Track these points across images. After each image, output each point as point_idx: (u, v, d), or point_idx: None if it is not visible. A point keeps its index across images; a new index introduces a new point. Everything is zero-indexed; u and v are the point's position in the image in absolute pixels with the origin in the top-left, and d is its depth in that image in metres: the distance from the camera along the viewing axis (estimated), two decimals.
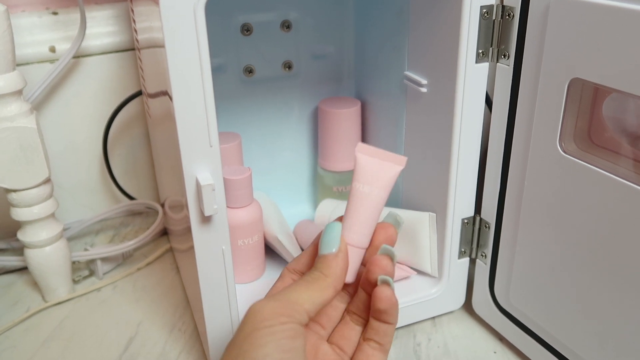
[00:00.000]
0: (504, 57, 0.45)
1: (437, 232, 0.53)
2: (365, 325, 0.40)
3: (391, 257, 0.38)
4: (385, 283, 0.38)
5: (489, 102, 0.48)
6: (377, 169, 0.40)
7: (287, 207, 0.67)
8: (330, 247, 0.38)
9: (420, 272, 0.56)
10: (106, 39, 0.67)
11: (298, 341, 0.34)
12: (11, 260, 0.64)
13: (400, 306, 0.52)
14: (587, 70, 0.38)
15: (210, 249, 0.44)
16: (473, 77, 0.46)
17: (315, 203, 0.70)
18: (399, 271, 0.54)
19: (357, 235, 0.39)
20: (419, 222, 0.53)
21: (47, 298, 0.60)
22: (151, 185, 0.76)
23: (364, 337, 0.40)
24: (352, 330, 0.41)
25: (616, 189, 0.38)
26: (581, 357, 0.45)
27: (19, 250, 0.64)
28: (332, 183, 0.66)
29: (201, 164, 0.41)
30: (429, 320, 0.57)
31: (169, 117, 0.42)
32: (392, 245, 0.40)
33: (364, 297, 0.40)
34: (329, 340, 0.41)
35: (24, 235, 0.56)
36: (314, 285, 0.37)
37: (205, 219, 0.42)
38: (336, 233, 0.39)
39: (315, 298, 0.36)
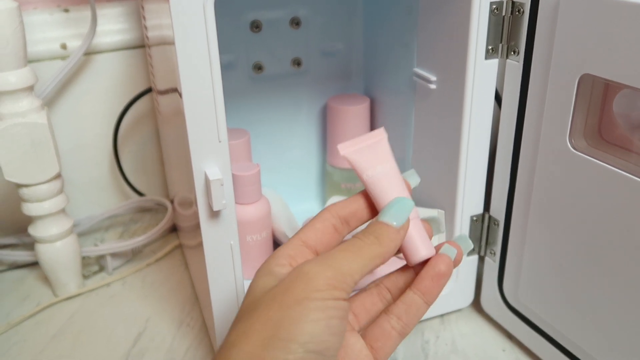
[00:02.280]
0: (514, 53, 0.45)
1: (446, 230, 0.53)
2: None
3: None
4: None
5: (498, 98, 0.48)
6: (370, 151, 0.39)
7: (295, 204, 0.68)
8: (396, 219, 0.35)
9: None
10: (117, 37, 0.67)
11: (344, 324, 0.31)
12: (22, 255, 0.64)
13: None
14: (597, 66, 0.38)
15: (219, 244, 0.44)
16: (482, 73, 0.46)
17: (324, 200, 0.70)
18: None
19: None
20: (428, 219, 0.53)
21: (57, 293, 0.61)
22: (161, 182, 0.76)
23: (388, 310, 0.38)
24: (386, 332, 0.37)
25: (627, 185, 0.38)
26: (590, 355, 0.44)
27: (30, 245, 0.65)
28: (340, 180, 0.66)
29: (210, 159, 0.41)
30: (437, 318, 0.56)
31: (179, 114, 0.42)
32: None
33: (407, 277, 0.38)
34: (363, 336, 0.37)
35: (34, 230, 0.57)
36: (366, 251, 0.34)
37: (214, 214, 0.42)
38: (407, 208, 0.36)
39: (365, 267, 0.33)
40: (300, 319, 0.29)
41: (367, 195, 0.38)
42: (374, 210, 0.38)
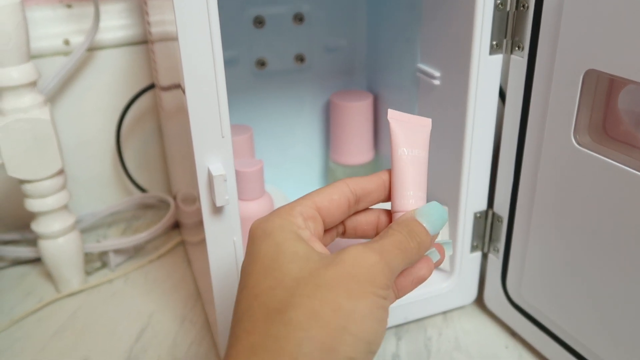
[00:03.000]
0: (518, 48, 0.45)
1: (449, 226, 0.52)
2: None
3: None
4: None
5: (501, 95, 0.48)
6: (414, 131, 0.38)
7: None
8: (435, 227, 0.35)
9: None
10: (119, 32, 0.67)
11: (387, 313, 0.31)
12: (25, 252, 0.64)
13: (410, 300, 0.53)
14: (602, 62, 0.38)
15: (222, 241, 0.44)
16: (486, 69, 0.46)
17: None
18: None
19: (422, 201, 0.37)
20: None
21: (60, 289, 0.61)
22: (163, 178, 0.76)
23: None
24: None
25: (632, 182, 0.38)
26: (594, 353, 0.44)
27: (33, 241, 0.65)
28: (343, 176, 0.65)
29: (213, 154, 0.41)
30: (440, 315, 0.56)
31: (182, 109, 0.42)
32: None
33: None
34: None
35: (37, 226, 0.57)
36: (409, 254, 0.33)
37: (217, 210, 0.42)
38: (444, 219, 0.35)
39: (403, 268, 0.33)
40: (370, 316, 0.28)
41: (385, 178, 0.37)
42: (389, 195, 0.37)
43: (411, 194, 0.37)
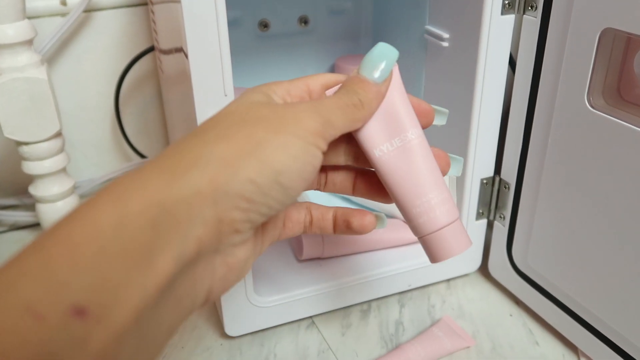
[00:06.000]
0: (531, 8, 0.43)
1: (456, 193, 0.52)
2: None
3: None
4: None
5: (511, 61, 0.47)
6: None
7: None
8: (383, 72, 0.33)
9: None
10: None
11: (314, 176, 0.30)
12: (23, 216, 0.63)
13: (414, 267, 0.52)
14: (620, 20, 0.36)
15: None
16: (498, 30, 0.44)
17: None
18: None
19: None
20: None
21: None
22: (163, 144, 0.75)
23: (309, 206, 0.38)
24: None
25: None
26: (600, 319, 0.44)
27: (31, 206, 0.64)
28: None
29: None
30: (443, 283, 0.56)
31: (183, 73, 0.40)
32: None
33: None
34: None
35: (35, 190, 0.56)
36: (350, 113, 0.31)
37: None
38: (389, 57, 0.33)
39: (347, 128, 0.32)
40: (283, 149, 0.28)
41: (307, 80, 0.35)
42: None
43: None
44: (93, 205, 0.24)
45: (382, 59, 0.33)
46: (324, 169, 0.37)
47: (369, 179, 0.37)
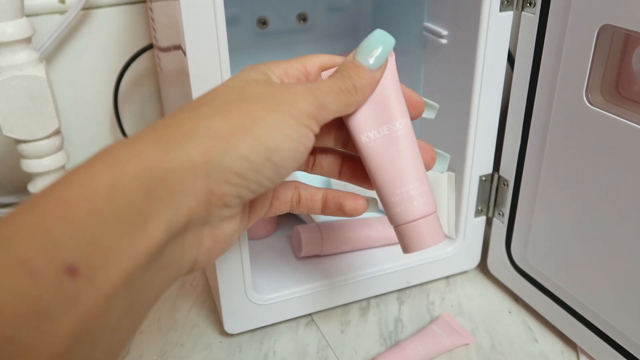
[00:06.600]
0: (530, 5, 0.43)
1: (455, 191, 0.52)
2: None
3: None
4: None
5: (509, 58, 0.47)
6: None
7: None
8: (378, 59, 0.33)
9: None
10: None
11: (305, 157, 0.31)
12: None
13: (413, 265, 0.52)
14: (619, 16, 0.36)
15: None
16: (496, 26, 0.44)
17: None
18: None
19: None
20: (437, 181, 0.52)
21: None
22: None
23: (298, 185, 0.38)
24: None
25: None
26: (599, 316, 0.44)
27: None
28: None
29: None
30: (442, 280, 0.56)
31: (182, 70, 0.40)
32: None
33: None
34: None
35: (34, 188, 0.56)
36: (343, 98, 0.32)
37: None
38: (385, 44, 0.33)
39: (340, 112, 0.32)
40: (278, 128, 0.29)
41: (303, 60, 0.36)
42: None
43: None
44: (88, 168, 0.25)
45: (378, 46, 0.33)
46: (313, 151, 0.38)
47: (356, 165, 0.38)
